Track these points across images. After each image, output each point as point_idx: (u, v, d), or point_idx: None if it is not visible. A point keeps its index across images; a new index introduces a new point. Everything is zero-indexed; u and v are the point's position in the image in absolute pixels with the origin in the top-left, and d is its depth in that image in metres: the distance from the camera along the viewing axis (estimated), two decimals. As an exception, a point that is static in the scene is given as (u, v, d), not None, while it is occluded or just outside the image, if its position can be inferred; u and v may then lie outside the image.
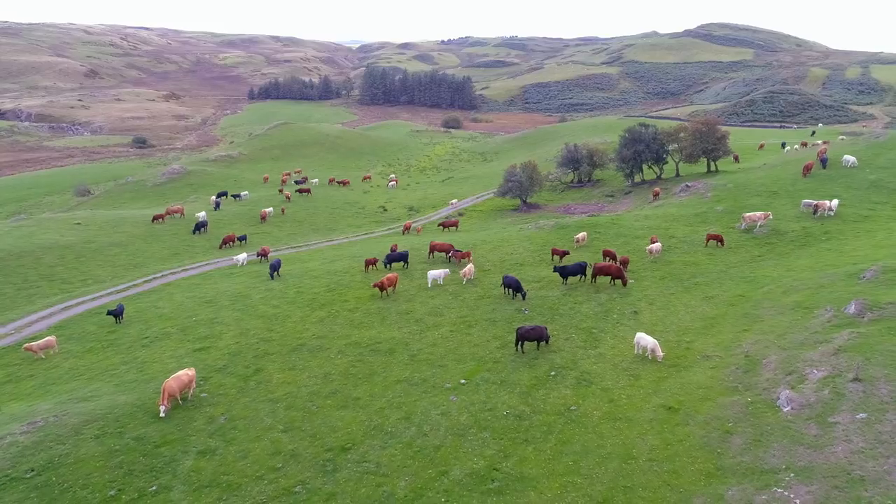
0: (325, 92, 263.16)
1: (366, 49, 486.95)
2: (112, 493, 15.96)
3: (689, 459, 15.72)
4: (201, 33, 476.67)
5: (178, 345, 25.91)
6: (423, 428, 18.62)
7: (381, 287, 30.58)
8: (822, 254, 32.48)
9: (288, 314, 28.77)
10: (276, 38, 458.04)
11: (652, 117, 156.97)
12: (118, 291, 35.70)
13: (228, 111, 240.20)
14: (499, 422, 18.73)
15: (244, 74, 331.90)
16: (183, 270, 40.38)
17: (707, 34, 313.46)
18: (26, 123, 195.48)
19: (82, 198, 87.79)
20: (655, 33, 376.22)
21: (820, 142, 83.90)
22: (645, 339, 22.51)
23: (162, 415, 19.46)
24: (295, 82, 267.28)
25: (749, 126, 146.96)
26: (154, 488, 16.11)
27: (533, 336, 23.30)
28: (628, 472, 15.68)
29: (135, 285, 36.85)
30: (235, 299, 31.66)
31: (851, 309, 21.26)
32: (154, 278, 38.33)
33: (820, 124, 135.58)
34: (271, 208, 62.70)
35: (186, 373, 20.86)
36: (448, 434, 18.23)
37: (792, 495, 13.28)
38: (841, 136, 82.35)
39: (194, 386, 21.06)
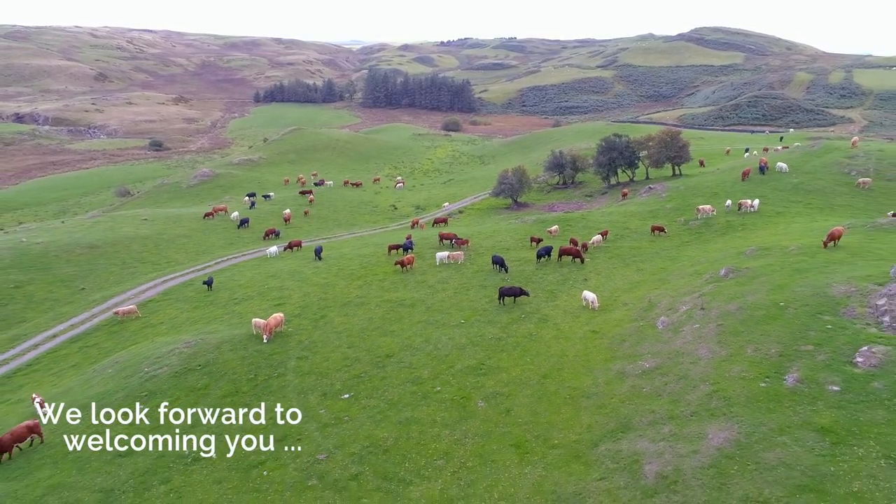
0: (329, 95, 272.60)
1: (366, 51, 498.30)
2: (251, 377, 26.51)
3: (597, 354, 26.25)
4: (204, 35, 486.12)
5: (261, 303, 36.50)
6: (437, 345, 29.12)
7: (402, 264, 41.12)
8: (734, 240, 42.90)
9: (335, 283, 39.33)
10: (279, 41, 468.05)
11: (640, 122, 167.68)
12: (197, 270, 46.31)
13: (236, 114, 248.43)
14: (485, 342, 29.21)
15: (249, 77, 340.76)
16: (242, 255, 51.04)
17: (699, 38, 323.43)
18: (46, 127, 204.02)
19: (123, 198, 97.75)
20: (652, 35, 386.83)
21: (780, 147, 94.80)
22: (588, 295, 33.00)
23: (265, 341, 29.96)
24: (299, 85, 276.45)
25: (731, 130, 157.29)
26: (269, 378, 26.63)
27: (510, 293, 33.78)
28: (562, 362, 26.19)
29: (208, 266, 47.45)
30: (293, 274, 42.23)
31: (722, 272, 31.73)
32: (221, 260, 48.94)
33: (791, 130, 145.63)
34: (289, 210, 71.36)
35: (279, 314, 31.41)
36: (453, 348, 28.73)
37: (645, 363, 23.87)
38: (797, 144, 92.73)
39: (283, 326, 31.61)
